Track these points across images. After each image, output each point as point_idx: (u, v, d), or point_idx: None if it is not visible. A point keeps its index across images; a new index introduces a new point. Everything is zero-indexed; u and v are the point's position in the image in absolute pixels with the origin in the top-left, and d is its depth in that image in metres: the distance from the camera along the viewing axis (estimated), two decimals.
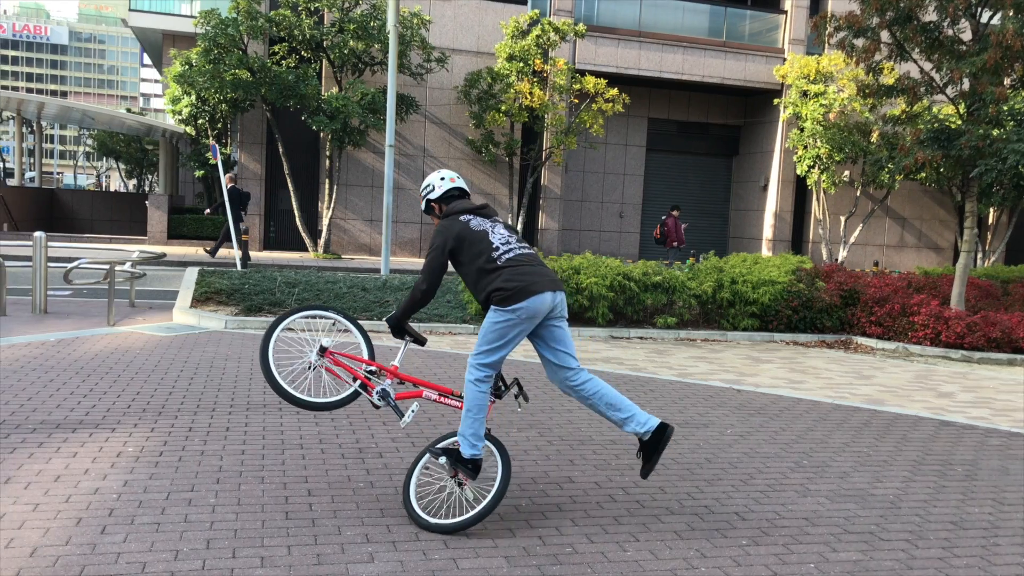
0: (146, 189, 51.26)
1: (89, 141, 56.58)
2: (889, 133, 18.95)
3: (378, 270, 16.07)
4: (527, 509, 4.23)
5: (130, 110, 61.81)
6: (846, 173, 21.43)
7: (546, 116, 20.01)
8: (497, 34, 21.23)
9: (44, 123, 28.96)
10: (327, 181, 19.76)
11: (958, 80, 11.74)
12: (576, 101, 20.79)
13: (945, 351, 10.74)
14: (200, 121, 21.63)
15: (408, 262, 19.64)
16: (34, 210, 24.72)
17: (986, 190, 13.21)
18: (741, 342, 11.10)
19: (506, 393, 4.20)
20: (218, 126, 22.36)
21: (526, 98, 19.46)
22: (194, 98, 20.10)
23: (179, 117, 21.48)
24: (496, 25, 21.26)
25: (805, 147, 20.97)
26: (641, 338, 10.87)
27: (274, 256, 19.31)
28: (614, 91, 19.96)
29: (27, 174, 38.64)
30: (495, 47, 20.40)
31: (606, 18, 22.40)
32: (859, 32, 12.04)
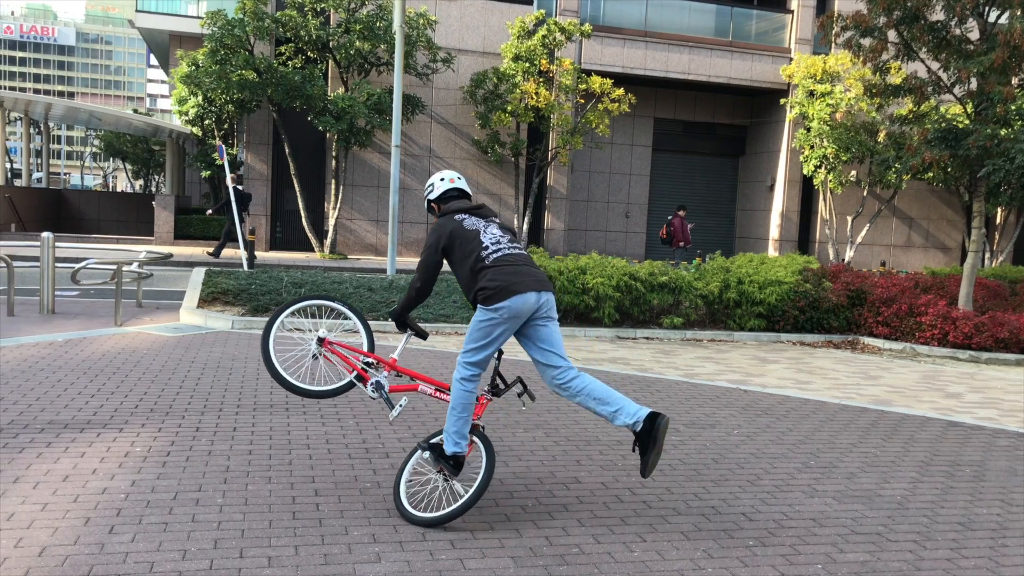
0: (153, 189, 51.41)
1: (96, 142, 56.79)
2: (896, 133, 18.94)
3: (384, 270, 16.08)
4: (534, 510, 4.23)
5: (137, 111, 61.97)
6: (853, 173, 21.38)
7: (552, 116, 20.00)
8: (503, 34, 21.23)
9: (51, 124, 29.05)
10: (333, 181, 19.79)
11: (966, 80, 11.70)
12: (582, 101, 20.77)
13: (953, 351, 10.71)
14: (207, 122, 21.68)
15: (414, 262, 19.65)
16: (41, 210, 24.81)
17: (994, 190, 13.15)
18: (748, 342, 11.08)
19: (505, 392, 4.23)
20: (224, 127, 22.40)
21: (532, 98, 19.46)
22: (200, 99, 20.14)
23: (186, 118, 21.53)
24: (502, 25, 21.26)
25: (812, 147, 20.92)
26: (647, 338, 10.86)
27: (280, 256, 19.35)
28: (620, 91, 19.95)
29: (34, 174, 38.77)
30: (501, 47, 20.40)
31: (612, 18, 22.38)
32: (866, 32, 12.01)
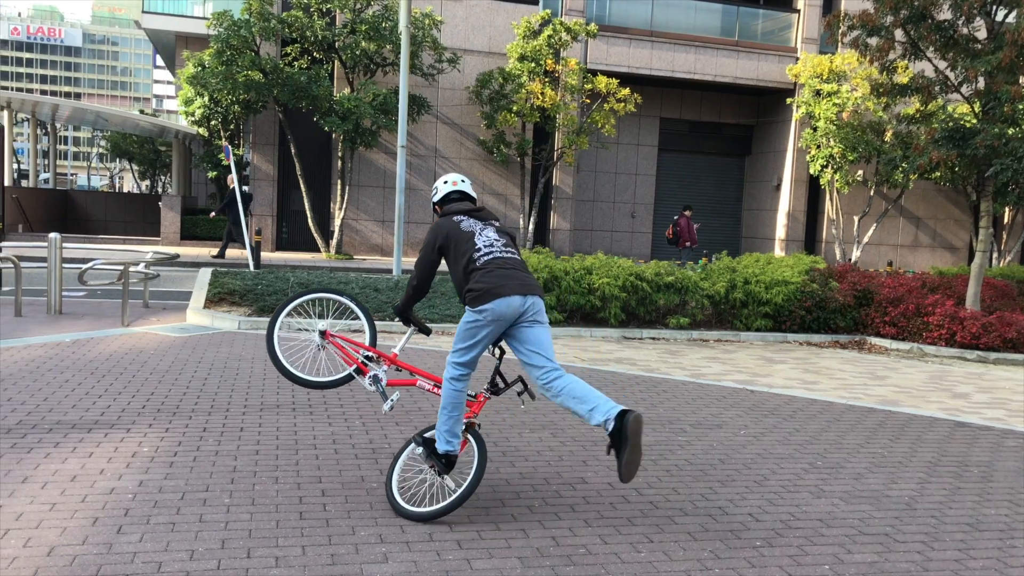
0: (159, 190, 51.53)
1: (103, 142, 56.93)
2: (903, 132, 18.89)
3: (390, 270, 16.09)
4: (540, 510, 4.22)
5: (143, 111, 62.14)
6: (859, 172, 21.32)
7: (558, 116, 19.99)
8: (508, 34, 21.22)
9: (58, 125, 29.13)
10: (339, 182, 19.81)
11: (973, 79, 11.66)
12: (588, 101, 20.75)
13: (960, 351, 10.68)
14: (213, 122, 21.72)
15: None
16: (48, 211, 24.89)
17: (1001, 189, 13.11)
18: (754, 342, 11.06)
19: (505, 390, 4.28)
20: (231, 127, 22.45)
21: (538, 98, 19.45)
22: (207, 99, 20.17)
23: (192, 118, 21.57)
24: (507, 25, 21.26)
25: (818, 146, 20.87)
26: (653, 339, 10.85)
27: (286, 257, 19.38)
28: (626, 91, 19.92)
29: (41, 175, 38.92)
30: (507, 47, 20.40)
31: (618, 18, 22.36)
32: (873, 31, 11.97)
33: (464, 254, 4.05)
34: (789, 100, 22.27)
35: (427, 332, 4.56)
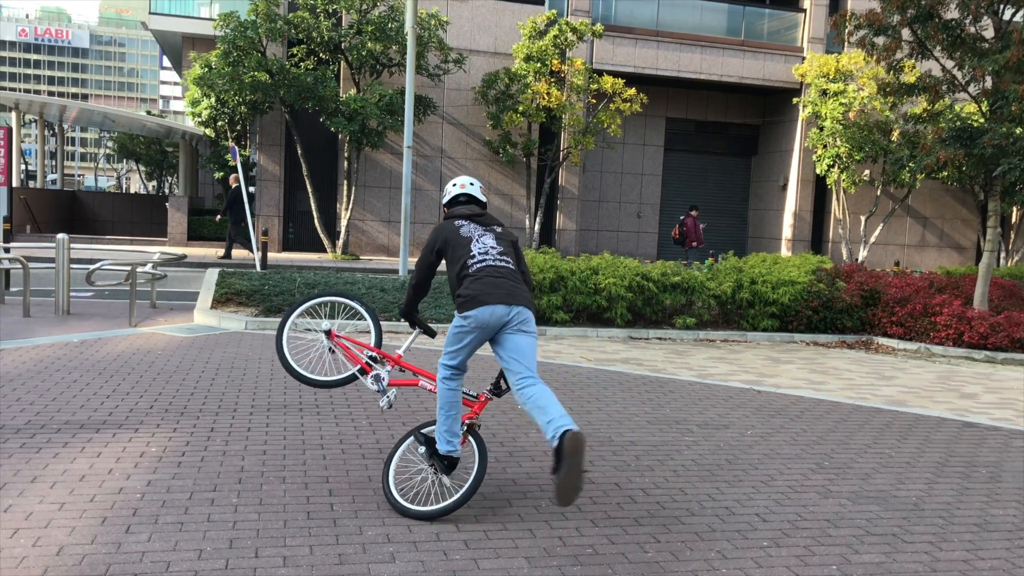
0: (166, 191, 51.65)
1: (110, 143, 57.12)
2: (910, 132, 18.84)
3: (396, 271, 16.11)
4: (547, 510, 4.23)
5: (150, 112, 62.28)
6: (866, 172, 21.27)
7: (564, 116, 19.98)
8: (514, 34, 21.23)
9: (65, 126, 29.23)
10: (345, 182, 19.84)
11: (980, 78, 11.62)
12: (594, 101, 20.75)
13: (968, 351, 10.64)
14: (219, 123, 21.77)
15: None
16: (56, 212, 24.98)
17: (1009, 189, 13.03)
18: (761, 343, 11.05)
19: (507, 392, 4.32)
20: (237, 128, 22.49)
21: (543, 98, 19.45)
22: (213, 100, 20.23)
23: (199, 119, 21.63)
24: (513, 25, 21.27)
25: (825, 146, 20.83)
26: (660, 339, 10.84)
27: (293, 257, 19.42)
28: (632, 91, 19.92)
29: (49, 176, 39.04)
30: (512, 47, 20.41)
31: (623, 18, 22.35)
32: (879, 30, 11.94)
33: (459, 259, 4.13)
34: (795, 100, 22.23)
35: (432, 334, 4.64)
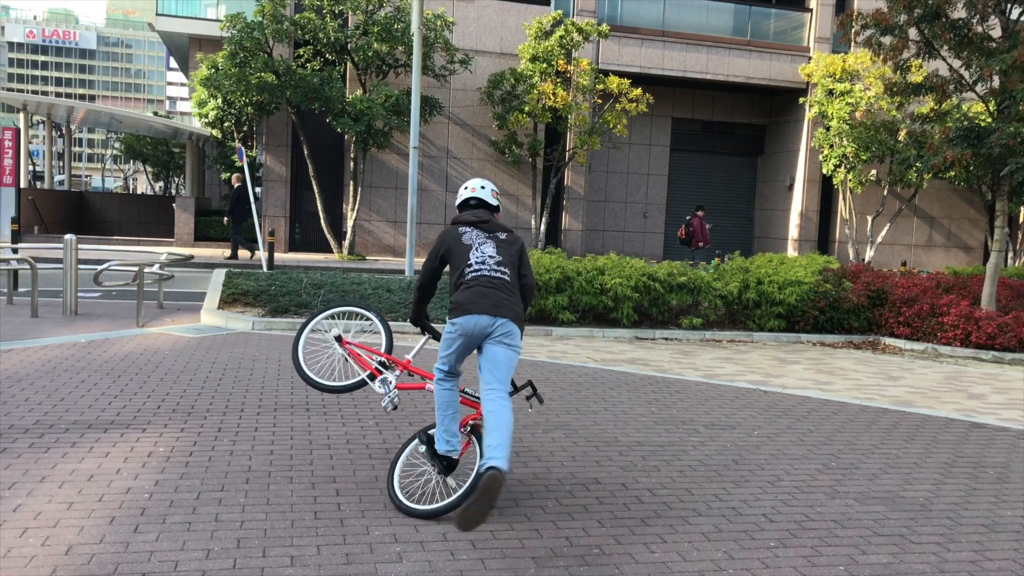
0: (173, 192, 51.77)
1: (117, 144, 57.26)
2: (917, 131, 18.72)
3: (402, 271, 16.12)
4: (554, 510, 4.23)
5: (157, 113, 62.50)
6: (873, 172, 21.21)
7: (569, 116, 19.97)
8: (520, 35, 21.23)
9: (73, 127, 29.33)
10: (351, 183, 19.86)
11: (988, 77, 11.57)
12: (600, 101, 20.73)
13: (975, 352, 10.61)
14: (226, 124, 21.83)
15: None
16: (63, 213, 25.05)
17: (1017, 188, 13.03)
18: (767, 343, 11.03)
19: (514, 395, 4.37)
20: (244, 129, 22.55)
21: (549, 99, 19.45)
22: (220, 101, 20.27)
23: (205, 120, 21.68)
24: (519, 26, 21.27)
25: (831, 146, 20.78)
26: (666, 339, 10.83)
27: (299, 257, 19.45)
28: (638, 91, 19.89)
29: (56, 177, 39.17)
30: (518, 48, 20.40)
31: (629, 18, 22.34)
32: (886, 30, 11.90)
33: (458, 267, 4.22)
34: (802, 100, 22.19)
35: (438, 338, 4.66)
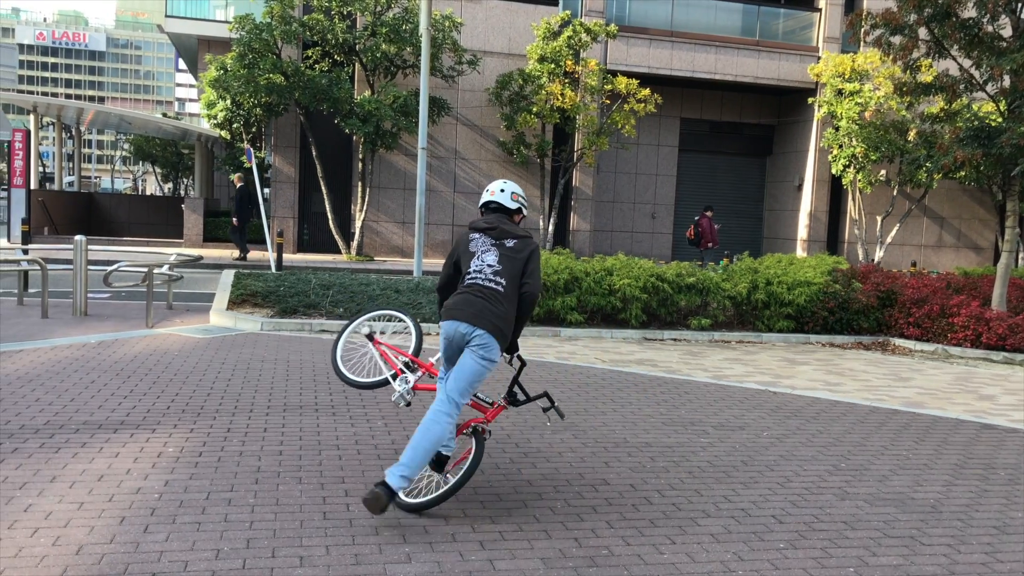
0: (182, 193, 51.95)
1: (126, 145, 57.49)
2: (927, 131, 18.66)
3: (411, 272, 16.14)
4: (562, 511, 4.23)
5: (166, 115, 62.67)
6: (882, 172, 21.13)
7: (578, 117, 19.97)
8: (528, 35, 21.23)
9: (82, 128, 29.47)
10: (360, 183, 19.90)
11: (998, 77, 11.53)
12: (608, 102, 20.72)
13: (986, 353, 10.56)
14: (235, 125, 21.86)
15: (440, 264, 19.70)
16: (73, 214, 25.16)
17: None
18: (776, 344, 11.00)
19: (525, 403, 4.45)
20: (252, 130, 22.58)
21: (557, 99, 19.44)
22: (229, 102, 20.30)
23: (214, 121, 21.71)
24: (527, 27, 21.28)
25: (840, 146, 20.71)
26: (675, 340, 10.81)
27: (307, 258, 19.49)
28: (646, 91, 19.87)
29: (66, 178, 39.35)
30: (526, 48, 20.40)
31: (637, 18, 22.31)
32: (896, 29, 11.87)
33: (461, 272, 4.36)
34: (811, 100, 22.13)
35: None
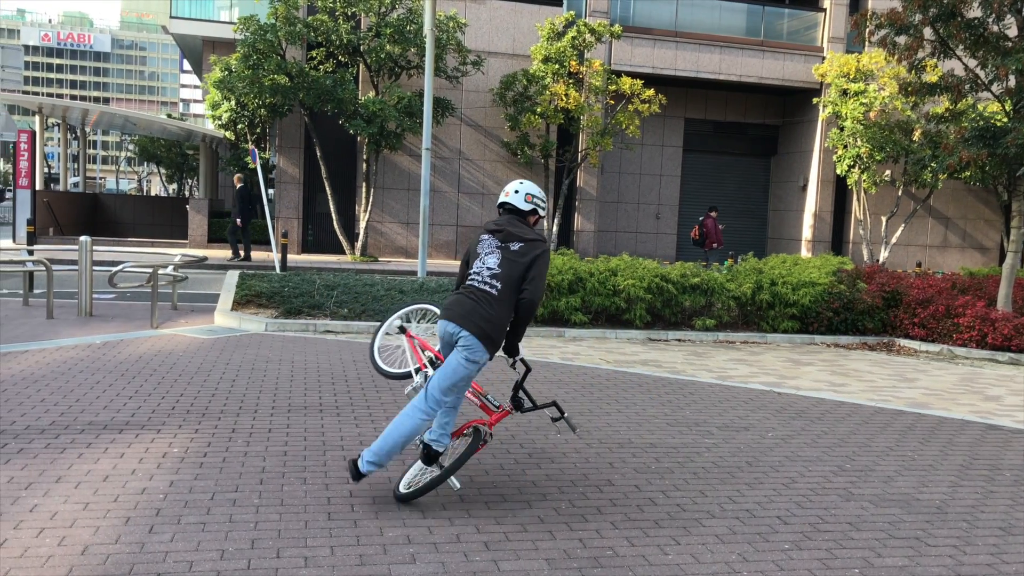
0: (186, 193, 52.02)
1: (131, 146, 57.60)
2: (932, 131, 18.63)
3: (415, 272, 16.14)
4: (567, 512, 4.22)
5: (170, 115, 62.82)
6: (887, 172, 21.09)
7: (582, 117, 19.96)
8: (532, 36, 21.23)
9: (87, 129, 29.52)
10: (364, 184, 19.91)
11: (1004, 77, 11.49)
12: (612, 102, 20.70)
13: (992, 353, 10.53)
14: (239, 126, 21.89)
15: (444, 264, 19.72)
16: (78, 214, 25.21)
17: None
18: (781, 344, 10.98)
19: (531, 410, 4.44)
20: (257, 131, 22.62)
21: (562, 100, 19.43)
22: (233, 103, 20.33)
23: (219, 122, 21.74)
24: (531, 27, 21.27)
25: (845, 146, 20.67)
26: (679, 340, 10.80)
27: (312, 259, 19.51)
28: (650, 92, 19.85)
29: (71, 179, 39.44)
30: (530, 49, 20.40)
31: (642, 18, 22.30)
32: (901, 29, 11.84)
33: (466, 271, 4.44)
34: (815, 100, 22.09)
35: None
